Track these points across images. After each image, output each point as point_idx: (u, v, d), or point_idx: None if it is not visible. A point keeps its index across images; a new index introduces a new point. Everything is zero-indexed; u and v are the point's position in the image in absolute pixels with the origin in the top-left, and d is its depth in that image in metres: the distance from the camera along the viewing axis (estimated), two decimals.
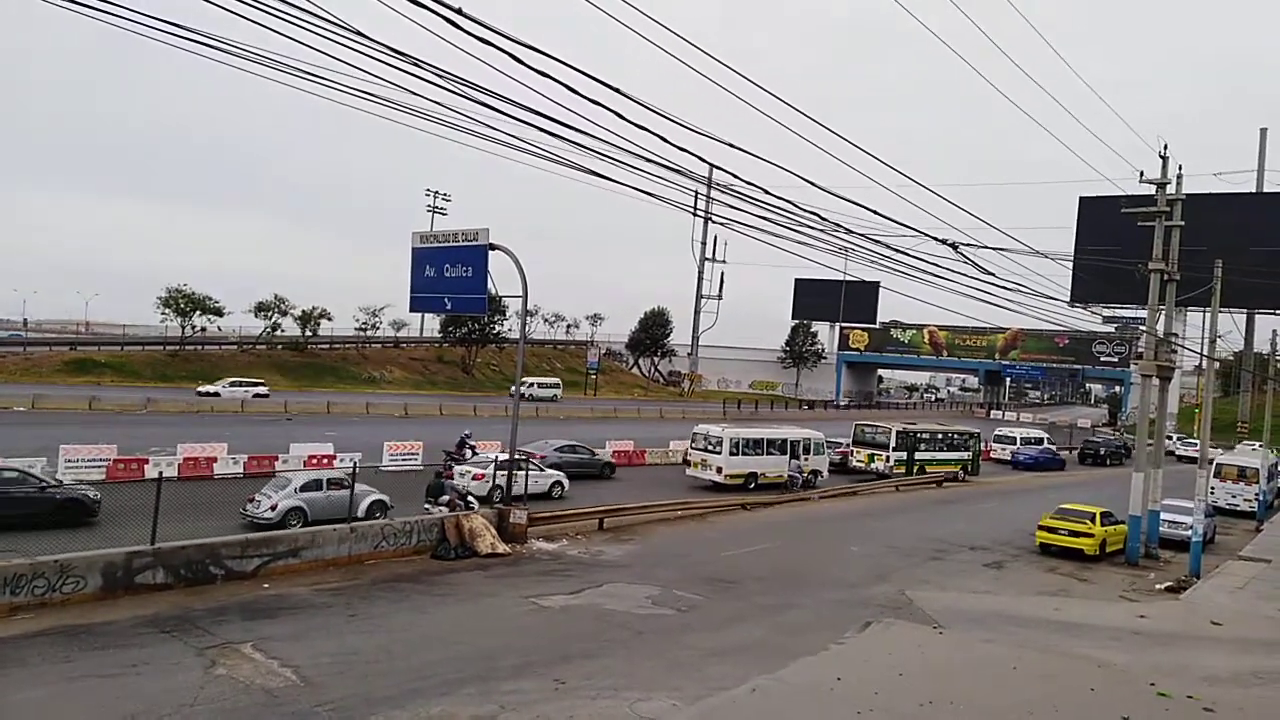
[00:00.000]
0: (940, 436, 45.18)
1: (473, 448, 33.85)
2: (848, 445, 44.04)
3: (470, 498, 25.41)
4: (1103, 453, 61.92)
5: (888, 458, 41.83)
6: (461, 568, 20.27)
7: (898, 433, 42.34)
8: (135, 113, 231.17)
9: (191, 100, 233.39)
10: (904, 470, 41.81)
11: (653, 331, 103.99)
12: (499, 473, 26.43)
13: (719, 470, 34.46)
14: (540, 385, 76.04)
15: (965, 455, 45.71)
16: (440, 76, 12.22)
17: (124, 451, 27.78)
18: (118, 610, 14.99)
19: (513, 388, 34.42)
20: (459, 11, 10.41)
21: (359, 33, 11.12)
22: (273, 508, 22.26)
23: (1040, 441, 57.78)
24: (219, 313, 70.12)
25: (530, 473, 26.74)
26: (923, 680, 13.49)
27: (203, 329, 71.47)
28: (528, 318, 27.75)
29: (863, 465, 42.34)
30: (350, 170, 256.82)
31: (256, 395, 57.68)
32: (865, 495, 37.31)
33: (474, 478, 28.47)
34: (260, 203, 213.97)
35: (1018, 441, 57.24)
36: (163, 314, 68.34)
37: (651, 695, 12.30)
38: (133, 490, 21.10)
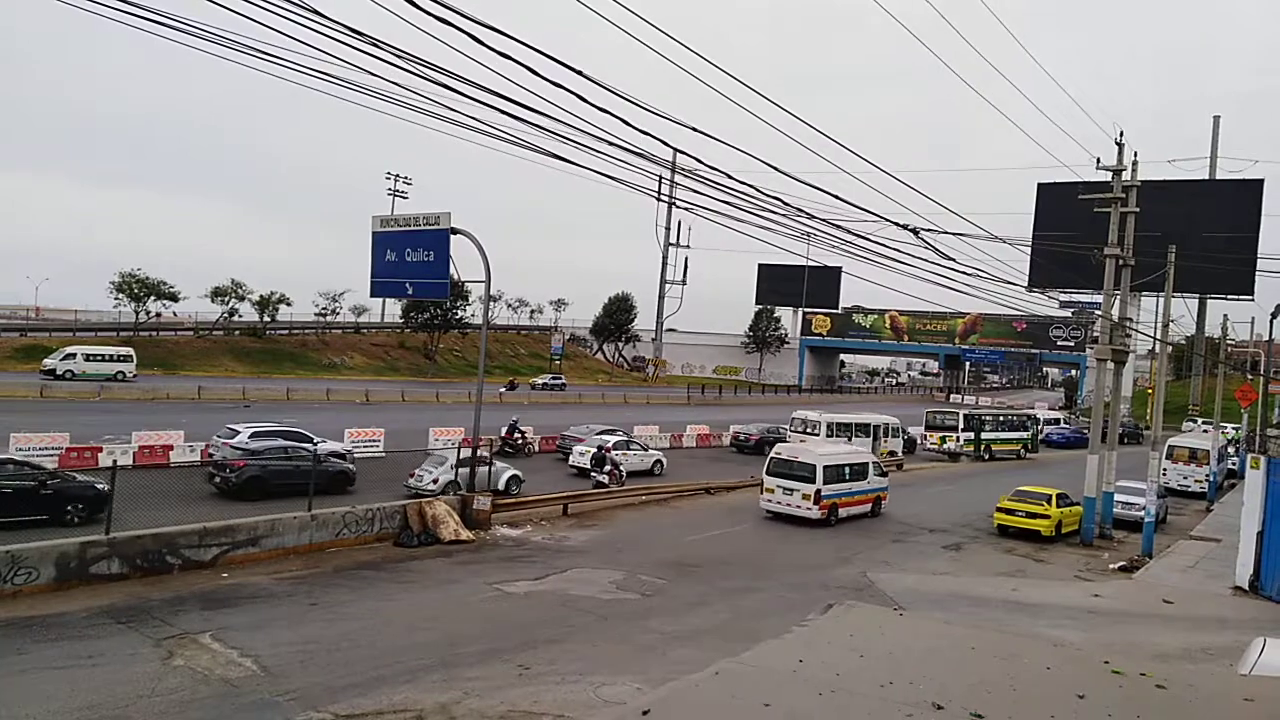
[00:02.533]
0: (1002, 419, 48.77)
1: (522, 433, 37.08)
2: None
3: (621, 470, 30.96)
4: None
5: (957, 439, 44.77)
6: (425, 555, 20.15)
7: (965, 416, 45.87)
8: (84, 92, 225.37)
9: (145, 80, 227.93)
10: (973, 449, 44.61)
11: (617, 317, 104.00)
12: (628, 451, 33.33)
13: None
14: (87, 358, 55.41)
15: (1025, 435, 49.74)
16: (399, 57, 12.02)
17: (77, 440, 27.18)
18: (72, 601, 14.69)
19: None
20: None
21: (316, 11, 10.90)
22: (434, 481, 25.70)
23: (1056, 422, 60.29)
24: (174, 298, 68.80)
25: (634, 451, 31.03)
26: (883, 661, 13.62)
27: (158, 315, 70.07)
28: (491, 303, 27.60)
29: (936, 447, 45.33)
30: (310, 154, 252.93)
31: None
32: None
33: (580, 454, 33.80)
34: (217, 187, 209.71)
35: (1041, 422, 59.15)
36: (116, 299, 66.89)
37: (616, 679, 12.34)
38: (91, 478, 20.68)
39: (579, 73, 12.62)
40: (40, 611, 14.08)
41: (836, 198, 19.76)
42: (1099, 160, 27.43)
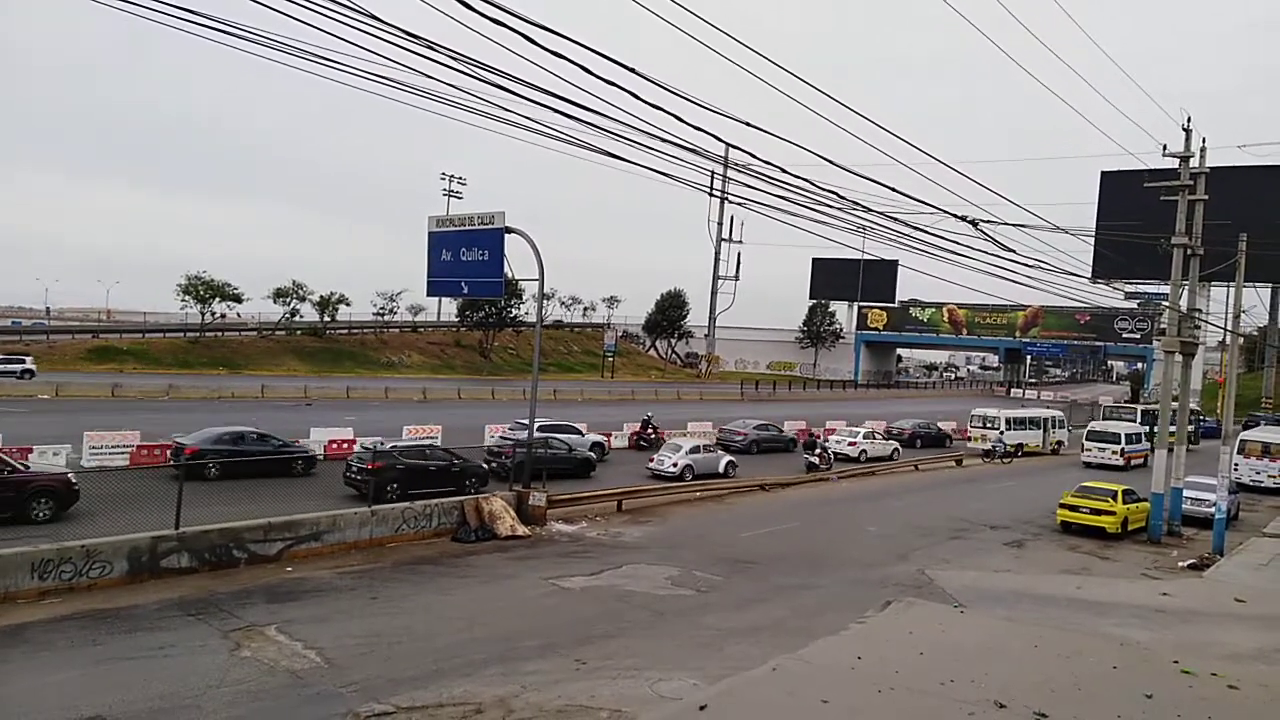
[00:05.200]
0: (1032, 420, 50.87)
1: (655, 428, 39.96)
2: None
3: (830, 454, 36.78)
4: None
5: (1000, 436, 46.47)
6: (482, 550, 20.39)
7: (1007, 419, 48.09)
8: (151, 102, 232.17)
9: (209, 89, 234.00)
10: (1013, 448, 46.65)
11: (669, 313, 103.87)
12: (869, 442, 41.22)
13: (999, 439, 45.53)
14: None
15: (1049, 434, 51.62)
16: (453, 59, 12.16)
17: (147, 437, 28.05)
18: (144, 594, 15.18)
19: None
20: None
21: (372, 15, 11.08)
22: (674, 465, 31.16)
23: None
24: (238, 299, 70.65)
25: (706, 454, 32.80)
26: (944, 659, 13.46)
27: (222, 315, 71.99)
28: (544, 301, 27.83)
29: (979, 444, 46.86)
30: (367, 156, 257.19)
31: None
32: (883, 475, 37.25)
33: (849, 444, 40.89)
34: (278, 191, 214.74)
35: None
36: (183, 301, 68.91)
37: (672, 675, 12.35)
38: (160, 475, 21.39)
39: (631, 70, 12.63)
40: (114, 604, 14.57)
41: (893, 190, 19.49)
42: (1165, 147, 26.60)
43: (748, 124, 15.36)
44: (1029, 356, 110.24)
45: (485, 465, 27.38)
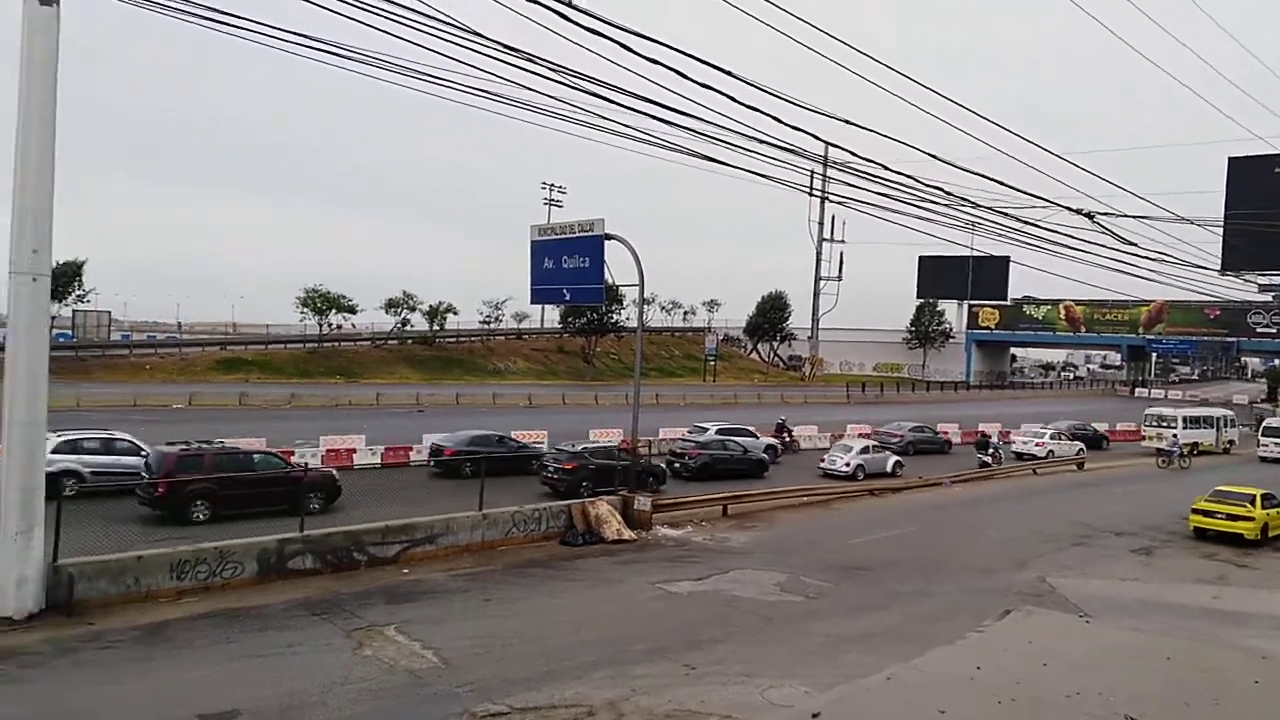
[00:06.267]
0: (1206, 419, 50.97)
1: (790, 431, 41.25)
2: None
3: (1001, 454, 38.50)
4: None
5: (1175, 436, 45.92)
6: (589, 554, 20.61)
7: (1184, 418, 48.48)
8: (265, 123, 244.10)
9: (319, 109, 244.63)
10: (1190, 448, 45.55)
11: (771, 315, 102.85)
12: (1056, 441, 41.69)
13: (1174, 439, 44.90)
14: None
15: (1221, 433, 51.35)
16: (552, 70, 12.39)
17: (272, 444, 29.40)
18: (272, 594, 15.93)
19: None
20: (569, 4, 10.52)
21: (474, 32, 11.38)
22: (847, 464, 32.97)
23: None
24: (352, 310, 73.47)
25: (875, 454, 34.31)
26: (1068, 670, 12.91)
27: (338, 326, 75.00)
28: (645, 306, 28.04)
29: (1153, 444, 46.59)
30: (470, 168, 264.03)
31: None
32: (1000, 479, 36.00)
33: (1036, 444, 41.64)
34: (388, 204, 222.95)
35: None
36: (301, 313, 72.13)
37: (783, 681, 12.22)
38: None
39: (728, 73, 12.61)
40: (245, 603, 15.34)
41: (1002, 184, 18.86)
42: None
43: (847, 122, 15.12)
44: (1154, 354, 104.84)
45: (665, 465, 30.16)
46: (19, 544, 13.82)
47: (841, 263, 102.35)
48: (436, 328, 79.49)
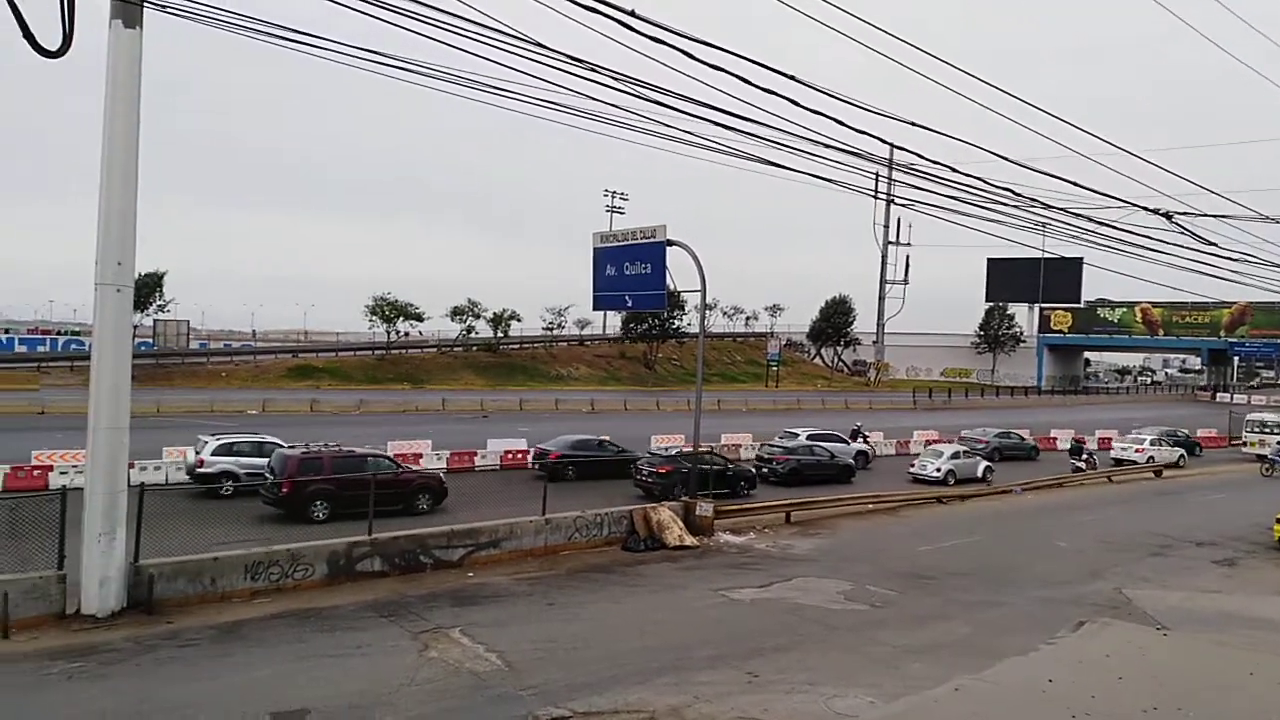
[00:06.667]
0: None
1: (865, 436, 41.03)
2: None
3: (1095, 459, 39.06)
4: None
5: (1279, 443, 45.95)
6: (651, 559, 20.63)
7: None
8: (326, 137, 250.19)
9: (387, 122, 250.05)
10: None
11: (835, 320, 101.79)
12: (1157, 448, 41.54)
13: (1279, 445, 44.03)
14: None
15: None
16: (615, 79, 12.46)
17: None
18: (342, 595, 16.29)
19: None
20: (631, 13, 10.57)
21: (538, 43, 11.52)
22: (937, 470, 33.16)
23: None
24: (419, 318, 74.97)
25: (965, 460, 34.65)
26: (1146, 683, 12.50)
27: (405, 334, 76.49)
28: (707, 311, 28.09)
29: (1255, 450, 46.57)
30: (532, 176, 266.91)
31: None
32: (1072, 488, 35.00)
33: (1136, 450, 41.78)
34: (453, 212, 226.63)
35: None
36: (370, 321, 73.79)
37: (847, 691, 12.05)
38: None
39: (790, 77, 12.52)
40: (316, 604, 15.72)
41: (1074, 184, 18.36)
42: None
43: (913, 124, 14.89)
44: (1236, 358, 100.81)
45: (754, 470, 31.00)
46: (103, 545, 14.37)
47: (908, 266, 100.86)
48: (500, 334, 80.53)
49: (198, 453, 25.07)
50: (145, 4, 13.48)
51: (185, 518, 18.81)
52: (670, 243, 23.64)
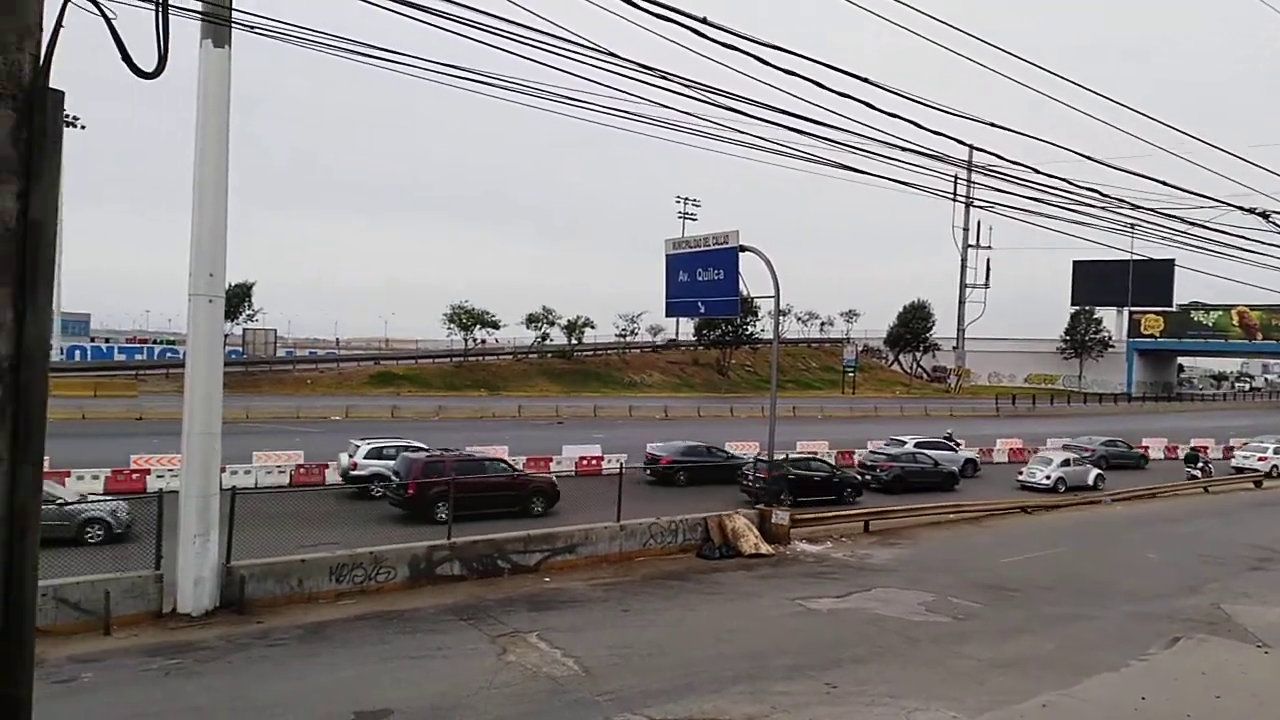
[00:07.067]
0: None
1: (957, 443, 40.69)
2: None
3: (1211, 467, 39.19)
4: None
5: None
6: (726, 567, 20.52)
7: None
8: (411, 151, 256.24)
9: (468, 136, 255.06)
10: None
11: (913, 325, 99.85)
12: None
13: None
14: None
15: None
16: (686, 86, 12.47)
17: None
18: (421, 598, 16.62)
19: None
20: (704, 20, 10.57)
21: (610, 53, 11.61)
22: (1047, 477, 33.18)
23: None
24: (496, 325, 76.20)
25: (1076, 467, 34.51)
26: (1245, 703, 11.93)
27: (482, 341, 77.79)
28: (780, 317, 27.87)
29: None
30: (605, 184, 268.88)
31: None
32: (1165, 498, 33.65)
33: (1259, 459, 40.41)
34: (527, 220, 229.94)
35: None
36: (448, 328, 75.28)
37: (929, 705, 11.78)
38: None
39: (866, 80, 12.35)
40: (397, 606, 16.06)
41: (1164, 183, 17.67)
42: None
43: (992, 124, 14.54)
44: None
45: (860, 476, 31.27)
46: (197, 546, 14.95)
47: (988, 269, 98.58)
48: (574, 341, 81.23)
49: (351, 457, 26.91)
50: (234, 24, 14.03)
51: (310, 519, 20.28)
52: (743, 248, 23.54)
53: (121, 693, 11.78)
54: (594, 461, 32.69)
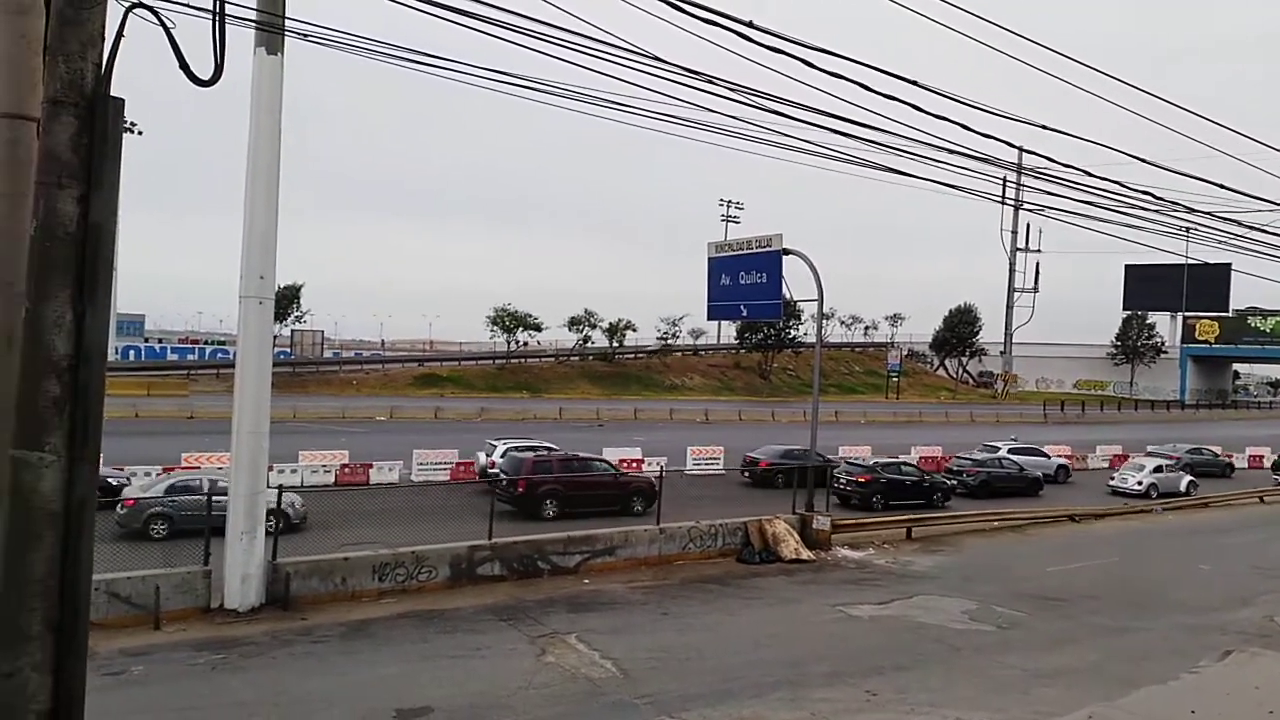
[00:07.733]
0: None
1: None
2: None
3: None
4: None
5: None
6: (766, 572, 20.41)
7: None
8: (459, 154, 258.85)
9: (506, 140, 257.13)
10: None
11: (959, 330, 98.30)
12: None
13: None
14: None
15: None
16: (731, 89, 12.46)
17: (464, 455, 31.03)
18: (462, 598, 16.77)
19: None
20: (750, 24, 10.56)
21: (655, 58, 11.64)
22: (1139, 483, 33.67)
23: None
24: (538, 328, 76.67)
25: (1168, 474, 35.04)
26: None
27: (524, 343, 78.31)
28: (824, 321, 27.77)
29: None
30: (647, 188, 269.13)
31: None
32: (1217, 508, 32.78)
33: None
34: (570, 224, 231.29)
35: None
36: (491, 331, 75.95)
37: (971, 715, 11.63)
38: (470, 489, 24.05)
39: (913, 83, 12.23)
40: (439, 606, 16.23)
41: (1220, 186, 17.25)
42: None
43: (1043, 127, 14.32)
44: None
45: (948, 481, 31.34)
46: (244, 543, 15.24)
47: (1038, 273, 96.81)
48: (616, 344, 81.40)
49: (488, 455, 28.32)
50: (286, 32, 14.30)
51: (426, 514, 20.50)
52: (786, 251, 23.43)
53: (169, 686, 12.07)
54: (635, 465, 32.70)
